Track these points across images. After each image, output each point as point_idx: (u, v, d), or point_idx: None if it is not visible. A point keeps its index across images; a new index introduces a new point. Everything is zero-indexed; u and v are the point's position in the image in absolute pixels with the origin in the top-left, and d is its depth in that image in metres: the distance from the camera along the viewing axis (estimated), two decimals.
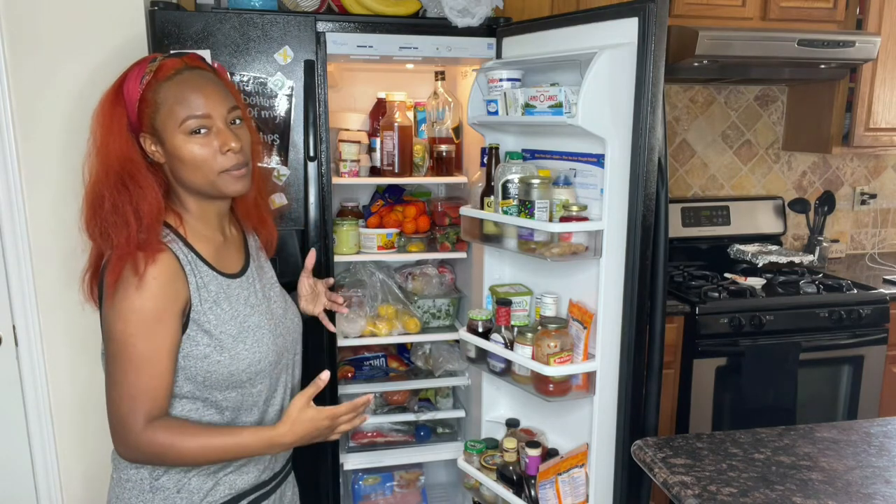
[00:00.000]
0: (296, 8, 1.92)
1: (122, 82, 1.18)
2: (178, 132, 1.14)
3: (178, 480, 1.20)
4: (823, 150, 2.86)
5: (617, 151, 1.65)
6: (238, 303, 1.22)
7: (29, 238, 1.88)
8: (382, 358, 2.45)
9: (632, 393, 1.72)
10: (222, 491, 1.23)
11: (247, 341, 1.21)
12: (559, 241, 1.70)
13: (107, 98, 1.18)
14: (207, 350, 1.16)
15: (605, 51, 1.59)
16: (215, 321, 1.18)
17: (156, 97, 1.15)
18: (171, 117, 1.14)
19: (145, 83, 1.15)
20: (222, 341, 1.17)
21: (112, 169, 1.14)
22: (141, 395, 1.10)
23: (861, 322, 2.50)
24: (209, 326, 1.17)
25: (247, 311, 1.23)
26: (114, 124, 1.15)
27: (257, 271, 1.32)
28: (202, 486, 1.21)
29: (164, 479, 1.20)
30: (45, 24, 1.80)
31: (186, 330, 1.16)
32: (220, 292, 1.20)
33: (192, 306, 1.16)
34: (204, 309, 1.17)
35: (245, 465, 1.26)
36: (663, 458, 1.29)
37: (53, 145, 1.86)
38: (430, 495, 2.53)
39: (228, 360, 1.18)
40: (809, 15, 2.60)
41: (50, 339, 1.93)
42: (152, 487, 1.19)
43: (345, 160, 2.20)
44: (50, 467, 1.99)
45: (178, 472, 1.20)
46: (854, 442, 1.35)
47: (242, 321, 1.21)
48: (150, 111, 1.15)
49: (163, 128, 1.15)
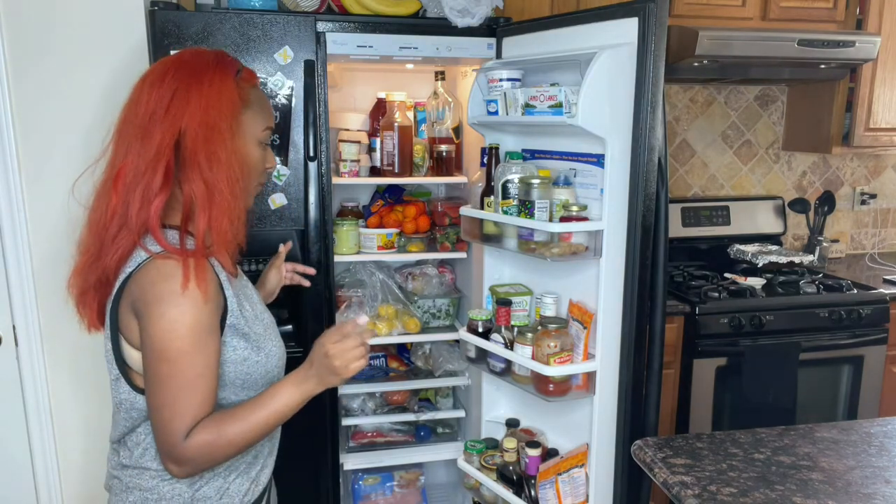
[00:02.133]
0: (296, 8, 1.92)
1: (220, 62, 1.13)
2: (255, 136, 1.16)
3: (219, 487, 1.15)
4: (823, 150, 2.86)
5: (617, 151, 1.65)
6: (252, 301, 1.21)
7: (29, 238, 1.88)
8: (382, 358, 2.45)
9: (632, 393, 1.72)
10: (256, 490, 1.22)
11: (272, 338, 1.20)
12: (559, 241, 1.70)
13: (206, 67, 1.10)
14: (246, 353, 1.14)
15: (605, 51, 1.59)
16: (246, 323, 1.15)
17: (248, 95, 1.15)
18: (255, 120, 1.16)
19: (240, 78, 1.14)
20: (257, 342, 1.16)
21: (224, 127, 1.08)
22: (191, 413, 1.04)
23: (861, 322, 2.50)
24: (246, 329, 1.14)
25: (261, 308, 1.23)
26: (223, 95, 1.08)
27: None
28: (240, 488, 1.18)
29: (206, 489, 1.14)
30: (45, 25, 1.80)
31: (222, 337, 1.10)
32: (241, 294, 1.18)
33: (229, 311, 1.11)
34: (238, 313, 1.13)
35: (268, 457, 1.25)
36: (663, 458, 1.29)
37: (53, 145, 1.86)
38: (430, 495, 2.53)
39: (265, 358, 1.17)
40: (809, 15, 2.60)
41: (50, 339, 1.93)
42: (193, 499, 1.13)
43: (345, 160, 2.20)
44: (50, 467, 1.99)
45: (218, 478, 1.15)
46: (854, 442, 1.35)
47: (261, 319, 1.20)
48: (241, 104, 1.12)
49: (245, 125, 1.14)
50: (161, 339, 1.02)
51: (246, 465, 1.20)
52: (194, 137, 1.05)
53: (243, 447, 1.09)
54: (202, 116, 1.05)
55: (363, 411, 2.37)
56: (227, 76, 1.11)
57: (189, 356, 1.02)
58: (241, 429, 1.06)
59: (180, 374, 1.03)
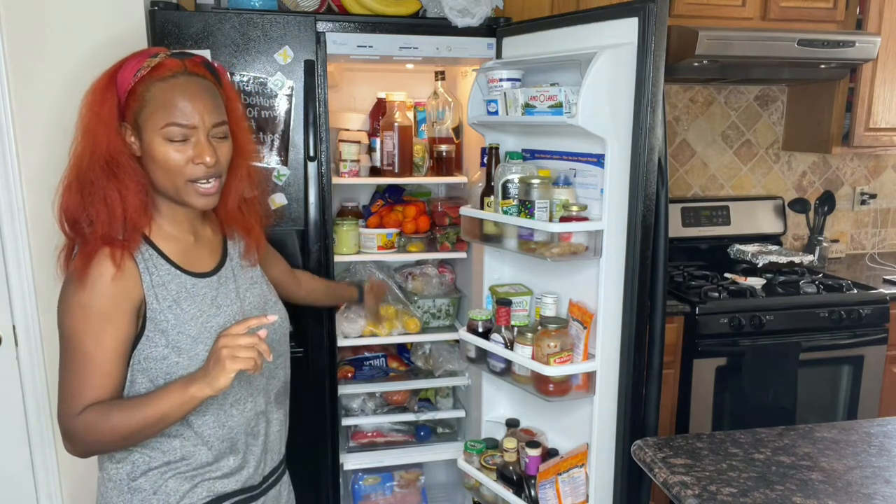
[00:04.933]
0: (296, 8, 1.92)
1: (117, 70, 1.17)
2: (157, 134, 1.14)
3: (155, 482, 1.19)
4: (823, 150, 2.86)
5: (617, 151, 1.65)
6: (203, 302, 1.20)
7: (29, 238, 1.88)
8: (382, 358, 2.45)
9: (632, 393, 1.72)
10: (201, 493, 1.21)
11: (208, 342, 1.17)
12: (559, 241, 1.70)
13: (99, 83, 1.17)
14: (165, 351, 1.15)
15: (605, 51, 1.59)
16: (174, 321, 1.15)
17: (145, 93, 1.14)
18: (153, 118, 1.13)
19: (139, 77, 1.14)
20: (179, 342, 1.15)
21: (100, 154, 1.13)
22: (84, 393, 1.10)
23: (861, 322, 2.50)
24: (166, 326, 1.15)
25: (212, 311, 1.20)
26: (104, 109, 1.14)
27: (234, 271, 1.30)
28: (179, 487, 1.20)
29: (142, 480, 1.19)
30: (46, 25, 1.80)
31: (144, 331, 1.14)
32: (182, 291, 1.18)
33: (148, 305, 1.14)
34: (161, 308, 1.15)
35: (231, 473, 1.24)
36: (663, 458, 1.29)
37: (53, 146, 1.86)
38: (430, 495, 2.53)
39: (187, 361, 1.15)
40: (809, 15, 2.60)
41: (50, 339, 1.93)
42: (130, 488, 1.19)
43: (345, 160, 2.20)
44: (50, 467, 1.99)
45: (154, 473, 1.19)
46: (854, 442, 1.35)
47: (205, 321, 1.19)
48: (137, 105, 1.14)
49: (144, 124, 1.14)
50: (59, 313, 1.12)
51: (188, 468, 1.20)
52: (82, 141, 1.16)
53: (129, 437, 1.11)
54: (86, 121, 1.15)
55: (363, 411, 2.37)
56: (111, 80, 1.16)
57: (79, 335, 1.10)
58: (124, 418, 1.09)
59: (72, 350, 1.11)
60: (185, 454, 1.20)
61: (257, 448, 1.28)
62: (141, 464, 1.19)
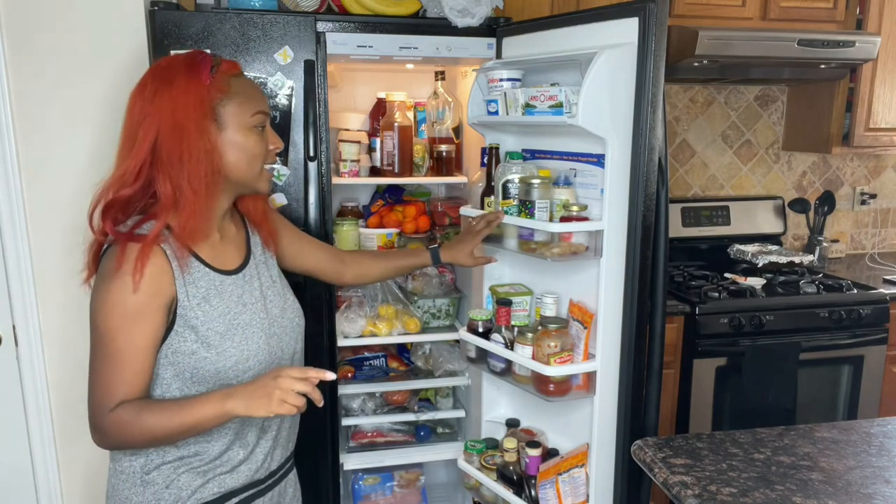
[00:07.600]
0: (296, 8, 1.92)
1: (190, 62, 1.18)
2: (245, 122, 1.20)
3: (168, 476, 1.21)
4: (823, 150, 2.86)
5: (617, 151, 1.65)
6: (230, 300, 1.23)
7: (29, 238, 1.88)
8: (382, 358, 2.45)
9: (632, 393, 1.72)
10: (212, 489, 1.23)
11: (235, 338, 1.21)
12: (559, 241, 1.70)
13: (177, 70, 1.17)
14: (194, 346, 1.17)
15: (605, 51, 1.59)
16: (203, 317, 1.18)
17: (229, 87, 1.19)
18: (242, 107, 1.20)
19: (217, 72, 1.19)
20: (209, 338, 1.18)
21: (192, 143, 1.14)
22: (117, 389, 1.12)
23: (861, 322, 2.50)
24: (196, 322, 1.17)
25: (238, 309, 1.23)
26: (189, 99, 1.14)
27: (258, 269, 1.32)
28: (191, 482, 1.22)
29: (155, 474, 1.21)
30: (45, 24, 1.80)
31: (174, 326, 1.16)
32: (212, 289, 1.20)
33: (179, 302, 1.16)
34: (192, 305, 1.17)
35: (238, 465, 1.26)
36: (663, 458, 1.29)
37: (53, 146, 1.86)
38: (430, 495, 2.53)
39: (215, 356, 1.18)
40: (809, 15, 2.60)
41: (50, 339, 1.94)
42: (143, 481, 1.21)
43: (345, 160, 2.20)
44: (50, 467, 1.99)
45: (168, 467, 1.21)
46: (854, 442, 1.35)
47: (232, 318, 1.21)
48: (221, 97, 1.18)
49: (229, 115, 1.19)
50: (93, 310, 1.13)
51: (201, 463, 1.22)
52: (165, 140, 1.13)
53: (160, 439, 1.14)
54: (170, 118, 1.13)
55: (363, 411, 2.37)
56: (195, 75, 1.16)
57: (112, 332, 1.11)
58: (157, 421, 1.11)
59: (105, 346, 1.12)
60: (199, 449, 1.22)
61: (266, 443, 1.30)
62: (155, 458, 1.21)
